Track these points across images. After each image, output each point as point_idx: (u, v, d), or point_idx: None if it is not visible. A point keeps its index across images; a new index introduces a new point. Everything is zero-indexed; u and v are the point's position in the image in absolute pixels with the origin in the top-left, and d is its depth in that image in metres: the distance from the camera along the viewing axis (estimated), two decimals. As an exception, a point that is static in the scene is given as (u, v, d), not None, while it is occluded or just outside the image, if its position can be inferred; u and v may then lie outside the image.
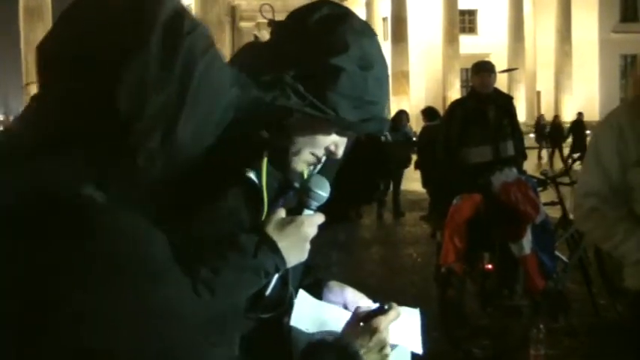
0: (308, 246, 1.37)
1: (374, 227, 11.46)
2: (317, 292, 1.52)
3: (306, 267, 1.54)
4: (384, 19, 42.53)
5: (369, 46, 1.37)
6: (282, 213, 1.36)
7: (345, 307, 1.49)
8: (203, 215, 1.31)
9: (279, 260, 1.31)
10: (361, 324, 1.34)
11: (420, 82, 43.38)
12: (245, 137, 1.32)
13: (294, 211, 1.38)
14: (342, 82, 1.32)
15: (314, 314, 1.43)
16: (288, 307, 1.41)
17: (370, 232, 11.13)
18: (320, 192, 1.40)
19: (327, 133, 1.39)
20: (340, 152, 1.43)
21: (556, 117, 20.71)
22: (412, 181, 12.44)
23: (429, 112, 10.33)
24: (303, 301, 1.44)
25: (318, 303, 1.47)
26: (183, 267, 1.05)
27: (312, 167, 1.48)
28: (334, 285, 1.55)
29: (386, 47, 32.51)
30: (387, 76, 1.42)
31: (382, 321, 1.33)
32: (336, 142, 1.41)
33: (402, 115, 12.65)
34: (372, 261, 8.71)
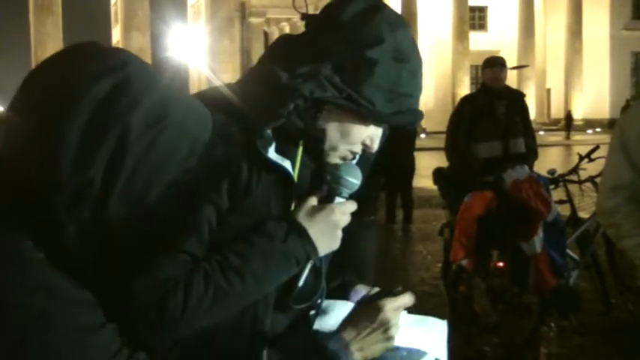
0: (339, 234, 1.36)
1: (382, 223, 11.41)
2: (343, 293, 1.53)
3: (337, 268, 1.54)
4: (394, 15, 42.57)
5: (403, 38, 1.38)
6: (312, 201, 1.36)
7: None
8: (234, 206, 1.29)
9: (309, 247, 1.31)
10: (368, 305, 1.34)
11: (429, 79, 43.30)
12: (281, 127, 1.32)
13: (327, 200, 1.38)
14: (377, 74, 1.33)
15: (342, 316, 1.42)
16: (319, 300, 1.41)
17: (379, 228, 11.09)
18: (351, 179, 1.39)
19: (363, 125, 1.39)
20: (375, 146, 1.43)
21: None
22: (422, 177, 12.40)
23: None
24: (342, 307, 1.45)
25: (345, 304, 1.48)
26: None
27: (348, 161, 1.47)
28: (362, 288, 1.56)
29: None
30: (421, 68, 1.42)
31: (388, 301, 1.33)
32: (372, 136, 1.41)
33: None
34: (381, 257, 8.67)
